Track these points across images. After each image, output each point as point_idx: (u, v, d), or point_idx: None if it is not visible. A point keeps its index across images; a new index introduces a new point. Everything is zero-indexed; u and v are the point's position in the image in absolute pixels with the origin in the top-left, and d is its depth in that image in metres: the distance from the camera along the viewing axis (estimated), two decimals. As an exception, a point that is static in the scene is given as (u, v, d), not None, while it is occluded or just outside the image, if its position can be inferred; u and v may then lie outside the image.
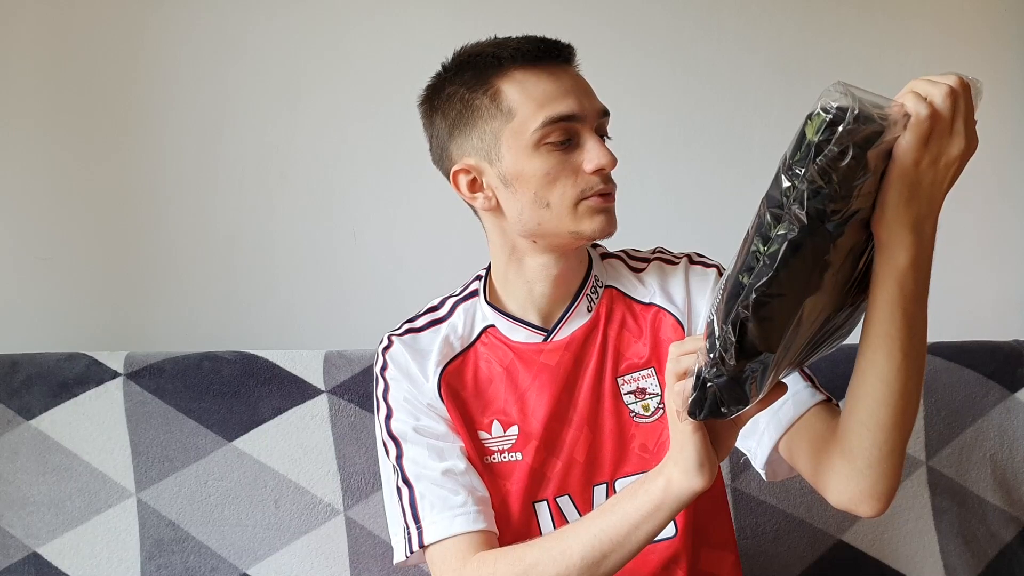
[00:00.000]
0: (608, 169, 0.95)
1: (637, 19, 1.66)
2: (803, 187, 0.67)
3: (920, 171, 0.72)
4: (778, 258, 0.69)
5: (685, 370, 0.78)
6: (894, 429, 0.82)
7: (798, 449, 0.93)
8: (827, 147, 0.66)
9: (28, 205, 1.54)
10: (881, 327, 0.78)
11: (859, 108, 0.65)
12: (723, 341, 0.72)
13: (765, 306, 0.70)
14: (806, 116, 0.67)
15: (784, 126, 1.67)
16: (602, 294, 1.05)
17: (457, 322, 1.06)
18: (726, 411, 0.76)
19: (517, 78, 0.95)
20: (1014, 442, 1.42)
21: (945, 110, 0.71)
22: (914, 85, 0.72)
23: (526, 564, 0.88)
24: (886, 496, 0.85)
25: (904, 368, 0.79)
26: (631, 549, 0.86)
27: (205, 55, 1.57)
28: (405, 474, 0.98)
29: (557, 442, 1.01)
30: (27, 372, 1.33)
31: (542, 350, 1.02)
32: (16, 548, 1.26)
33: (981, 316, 1.70)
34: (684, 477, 0.81)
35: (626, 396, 1.01)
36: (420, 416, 1.01)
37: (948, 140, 0.72)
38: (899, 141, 0.70)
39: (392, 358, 1.04)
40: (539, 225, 0.96)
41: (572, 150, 0.94)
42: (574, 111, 0.94)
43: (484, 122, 0.96)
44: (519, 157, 0.94)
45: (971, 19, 1.73)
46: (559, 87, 0.94)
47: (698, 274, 1.05)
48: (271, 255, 1.59)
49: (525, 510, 1.00)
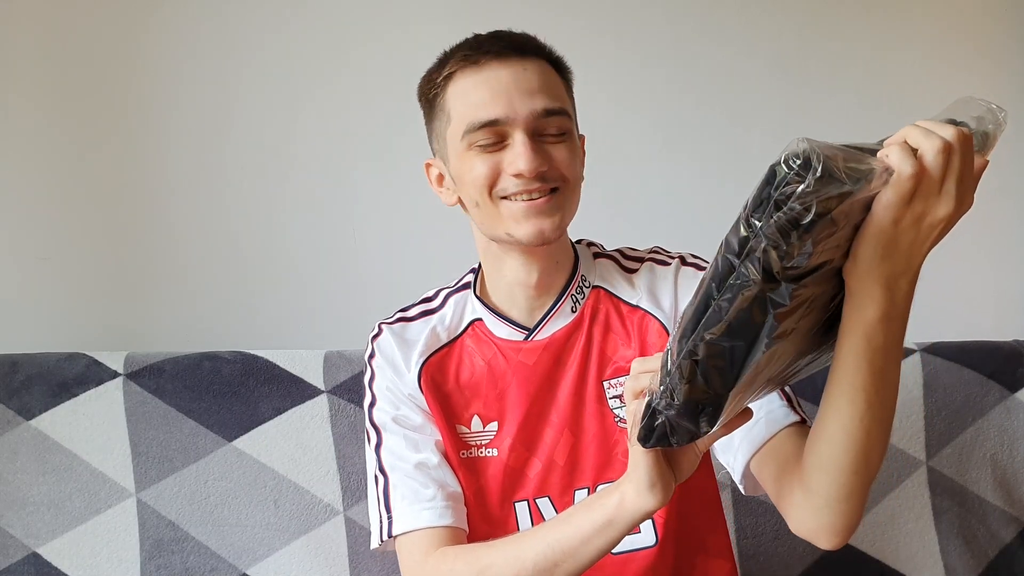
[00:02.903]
0: (528, 174, 0.91)
1: (637, 19, 1.66)
2: (760, 241, 0.61)
3: (899, 230, 0.66)
4: (730, 308, 0.64)
5: (643, 389, 0.75)
6: (854, 474, 0.78)
7: (766, 470, 0.91)
8: (786, 204, 0.59)
9: (28, 205, 1.54)
10: (845, 377, 0.73)
11: (822, 168, 0.58)
12: (674, 377, 0.69)
13: (716, 351, 0.66)
14: (770, 166, 0.61)
15: (784, 126, 1.68)
16: (588, 294, 1.03)
17: (447, 313, 1.06)
18: (675, 442, 0.73)
19: (456, 80, 0.95)
20: (1014, 442, 1.42)
21: (935, 169, 0.64)
22: (908, 133, 0.65)
23: (482, 565, 0.89)
24: (844, 532, 0.82)
25: (868, 418, 0.74)
26: (583, 561, 0.85)
27: (205, 55, 1.57)
28: (382, 463, 1.00)
29: (537, 442, 1.00)
30: (27, 372, 1.33)
31: (521, 348, 1.02)
32: (16, 548, 1.26)
33: (981, 316, 1.69)
34: (637, 496, 0.80)
35: (611, 400, 1.00)
36: (400, 406, 1.02)
37: (935, 200, 0.65)
38: (879, 196, 0.64)
39: (379, 347, 1.05)
40: (482, 224, 0.98)
41: (500, 150, 0.93)
42: (497, 116, 0.92)
43: (436, 124, 0.99)
44: (458, 159, 0.96)
45: (971, 19, 1.73)
46: (491, 89, 0.92)
47: (688, 276, 1.02)
48: (271, 255, 1.60)
49: (504, 508, 1.00)
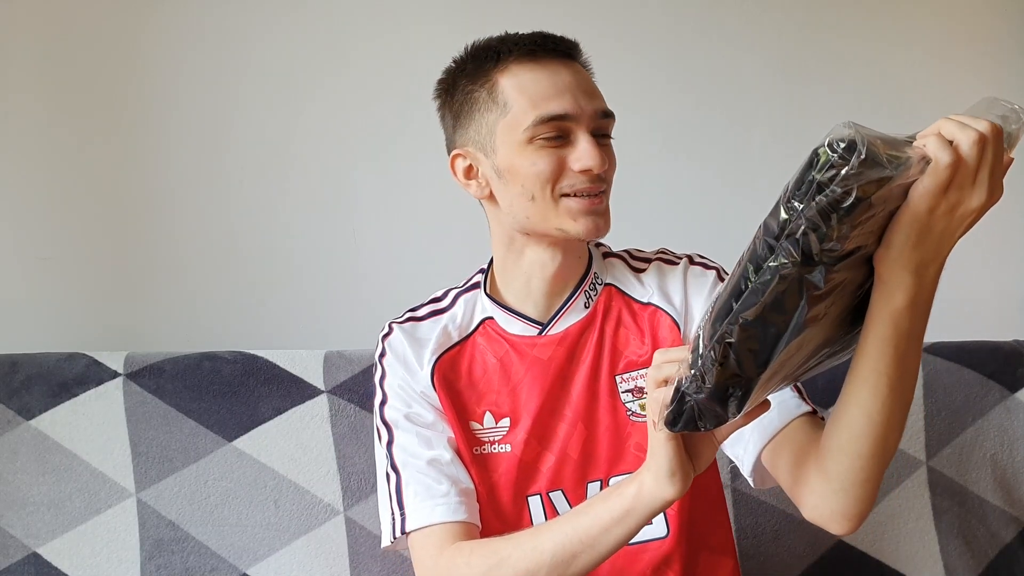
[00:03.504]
0: (596, 171, 0.94)
1: (637, 19, 1.66)
2: (800, 223, 0.64)
3: (934, 218, 0.69)
4: (767, 290, 0.67)
5: (666, 378, 0.77)
6: (872, 458, 0.81)
7: (779, 459, 0.93)
8: (828, 187, 0.62)
9: (28, 205, 1.54)
10: (870, 362, 0.76)
11: (866, 152, 0.61)
12: (705, 360, 0.71)
13: (750, 334, 0.69)
14: (812, 150, 0.64)
15: (784, 126, 1.69)
16: (601, 291, 1.05)
17: (457, 312, 1.07)
18: (703, 426, 0.75)
19: (514, 72, 0.95)
20: (1014, 442, 1.42)
21: (971, 159, 0.67)
22: (942, 125, 0.68)
23: (499, 557, 0.89)
24: (859, 518, 0.85)
25: (889, 404, 0.77)
26: (602, 551, 0.86)
27: (204, 55, 1.57)
28: (394, 460, 1.00)
29: (550, 436, 1.01)
30: (27, 372, 1.33)
31: (536, 343, 1.03)
32: (16, 548, 1.26)
33: (981, 316, 1.70)
34: (656, 485, 0.81)
35: (623, 394, 1.02)
36: (412, 404, 1.02)
37: (969, 191, 0.68)
38: (916, 184, 0.67)
39: (390, 345, 1.05)
40: (528, 218, 0.97)
41: (564, 147, 0.94)
42: (567, 110, 0.93)
43: (481, 114, 0.97)
44: (511, 151, 0.95)
45: (971, 19, 1.73)
46: (555, 84, 0.94)
47: (697, 275, 1.05)
48: (271, 255, 1.60)
49: (516, 503, 1.00)
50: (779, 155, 1.68)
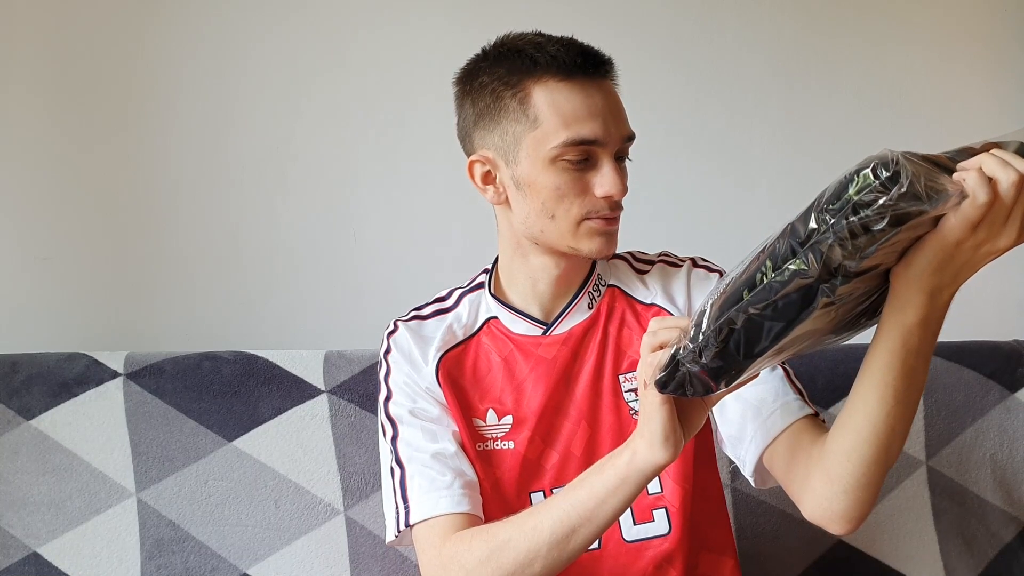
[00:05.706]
0: (617, 198, 0.95)
1: (637, 19, 1.66)
2: (827, 237, 0.66)
3: (960, 250, 0.70)
4: (781, 289, 0.69)
5: (661, 343, 0.78)
6: (875, 463, 0.82)
7: (780, 459, 0.94)
8: (864, 210, 0.64)
9: (28, 205, 1.54)
10: (878, 373, 0.78)
11: (907, 186, 0.62)
12: (707, 338, 0.73)
13: (756, 325, 0.71)
14: (855, 167, 0.65)
15: (784, 126, 1.69)
16: (604, 292, 1.06)
17: (462, 312, 1.08)
18: (691, 392, 0.77)
19: (549, 87, 0.93)
20: (1014, 442, 1.42)
21: (1008, 199, 0.67)
22: (984, 161, 0.68)
23: (499, 540, 0.89)
24: (858, 519, 0.87)
25: (895, 413, 0.79)
26: (600, 523, 0.86)
27: (206, 56, 1.57)
28: (399, 455, 1.00)
29: (554, 434, 1.02)
30: (27, 372, 1.33)
31: (540, 343, 1.04)
32: (16, 548, 1.26)
33: (981, 316, 1.69)
34: (649, 450, 0.81)
35: (627, 394, 1.02)
36: (417, 399, 1.02)
37: (999, 229, 0.69)
38: (948, 216, 0.68)
39: (396, 342, 1.06)
40: (541, 232, 0.98)
41: (587, 170, 0.95)
42: (597, 136, 0.93)
43: (508, 123, 0.95)
44: (535, 166, 0.95)
45: (971, 19, 1.73)
46: (588, 107, 0.93)
47: (700, 278, 1.06)
48: (271, 255, 1.60)
49: (520, 499, 1.01)
50: (779, 155, 1.68)
